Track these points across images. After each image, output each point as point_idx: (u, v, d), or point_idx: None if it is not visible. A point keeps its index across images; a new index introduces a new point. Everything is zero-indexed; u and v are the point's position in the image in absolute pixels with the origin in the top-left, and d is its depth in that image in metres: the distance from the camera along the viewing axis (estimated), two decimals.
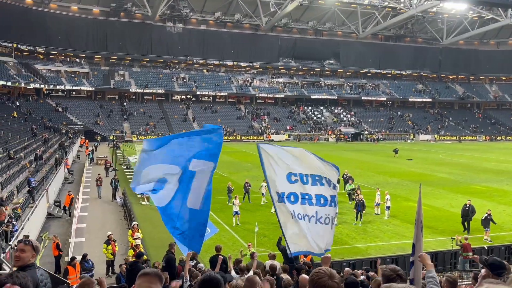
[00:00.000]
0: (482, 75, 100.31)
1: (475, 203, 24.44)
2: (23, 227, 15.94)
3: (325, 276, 2.55)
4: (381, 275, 3.87)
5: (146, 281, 2.61)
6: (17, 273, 2.66)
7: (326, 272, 2.58)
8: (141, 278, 2.64)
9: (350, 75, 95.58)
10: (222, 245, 11.95)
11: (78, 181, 31.01)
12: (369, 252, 16.42)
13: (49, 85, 67.96)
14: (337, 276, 2.61)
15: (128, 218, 20.12)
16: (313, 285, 2.57)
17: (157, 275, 2.62)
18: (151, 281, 2.60)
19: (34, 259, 4.10)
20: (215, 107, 79.87)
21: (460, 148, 62.88)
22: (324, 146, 63.08)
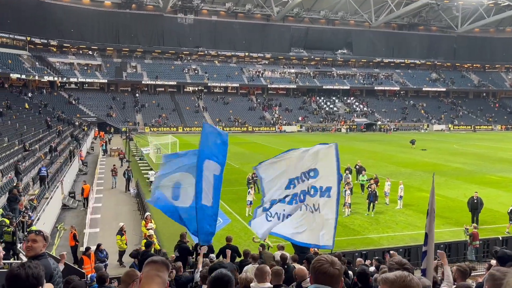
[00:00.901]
0: (498, 63, 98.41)
1: (490, 193, 24.22)
2: (39, 218, 16.22)
3: (326, 263, 2.54)
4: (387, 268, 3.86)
5: (153, 268, 2.63)
6: (29, 263, 2.69)
7: (327, 259, 2.57)
8: (148, 265, 2.66)
9: (363, 64, 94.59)
10: (234, 236, 12.03)
11: (92, 172, 31.40)
12: (382, 243, 16.36)
13: (62, 77, 68.63)
14: (338, 263, 2.60)
15: (142, 209, 20.33)
16: (315, 272, 2.56)
17: (164, 263, 2.63)
18: (158, 269, 2.61)
19: (45, 248, 4.19)
20: (227, 98, 79.87)
21: (474, 138, 61.99)
22: (337, 137, 62.75)
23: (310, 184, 8.38)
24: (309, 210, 8.44)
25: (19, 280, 2.54)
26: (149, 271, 2.64)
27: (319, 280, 2.53)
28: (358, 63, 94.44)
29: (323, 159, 8.52)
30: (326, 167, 8.47)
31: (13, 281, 2.54)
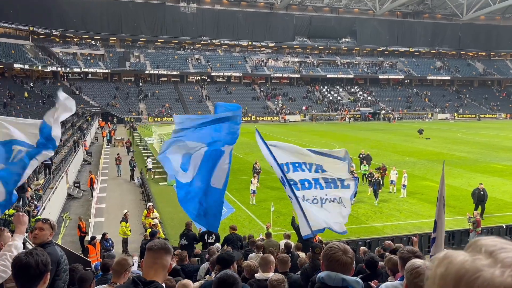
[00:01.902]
0: (504, 51, 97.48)
1: (494, 182, 24.18)
2: (44, 208, 16.36)
3: (339, 251, 2.58)
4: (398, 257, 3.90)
5: (150, 256, 2.65)
6: (36, 250, 2.72)
7: (340, 247, 2.61)
8: (147, 253, 2.69)
9: (367, 53, 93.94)
10: (238, 225, 12.10)
11: (96, 162, 31.54)
12: (385, 231, 16.41)
13: (65, 67, 68.62)
14: (350, 252, 2.63)
15: (146, 198, 20.45)
16: (327, 259, 2.60)
17: (162, 249, 2.62)
18: (155, 256, 2.62)
19: (52, 236, 4.23)
20: (230, 87, 79.68)
21: (479, 127, 61.69)
22: (340, 126, 62.64)
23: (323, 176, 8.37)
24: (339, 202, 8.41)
25: (29, 268, 2.57)
26: (147, 259, 2.67)
27: (331, 268, 2.56)
28: (362, 51, 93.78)
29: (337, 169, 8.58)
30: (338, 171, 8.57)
31: (23, 269, 2.57)
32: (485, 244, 0.79)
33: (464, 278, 0.74)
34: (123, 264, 4.12)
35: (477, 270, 0.74)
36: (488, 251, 0.77)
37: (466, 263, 0.76)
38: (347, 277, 2.52)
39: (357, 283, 2.56)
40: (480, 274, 0.73)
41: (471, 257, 0.77)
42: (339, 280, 2.51)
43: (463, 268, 0.76)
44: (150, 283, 2.61)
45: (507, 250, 0.77)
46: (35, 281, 2.60)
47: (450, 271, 0.77)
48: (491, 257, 0.76)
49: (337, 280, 2.51)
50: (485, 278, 0.72)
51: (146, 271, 2.69)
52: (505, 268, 0.73)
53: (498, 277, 0.72)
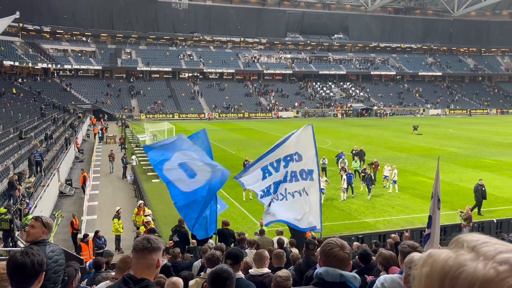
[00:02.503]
0: (494, 47, 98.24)
1: (485, 177, 24.34)
2: (36, 206, 16.25)
3: (337, 247, 2.60)
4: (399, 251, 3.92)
5: (134, 256, 2.66)
6: (31, 250, 2.71)
7: (337, 243, 2.63)
8: (133, 252, 2.70)
9: (359, 49, 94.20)
10: (231, 221, 12.11)
11: (88, 160, 31.36)
12: (378, 227, 16.51)
13: (56, 64, 67.99)
14: (348, 247, 2.65)
15: (139, 196, 20.38)
16: (325, 255, 2.61)
17: (144, 249, 2.60)
18: (138, 257, 2.62)
19: (45, 235, 4.17)
20: (223, 84, 79.51)
21: (470, 122, 62.21)
22: (333, 122, 62.83)
23: (299, 167, 8.46)
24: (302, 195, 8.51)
25: (25, 268, 2.57)
26: (133, 258, 2.69)
27: (329, 264, 2.58)
28: (354, 48, 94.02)
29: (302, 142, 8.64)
30: (307, 150, 8.58)
31: (19, 269, 2.56)
32: (467, 240, 0.80)
33: (448, 275, 0.75)
34: (128, 262, 4.12)
35: (460, 265, 0.75)
36: (470, 246, 0.78)
37: (449, 260, 0.77)
38: (345, 273, 2.53)
39: (354, 278, 2.57)
40: (463, 269, 0.74)
41: (454, 253, 0.78)
42: (337, 276, 2.52)
43: (446, 265, 0.76)
44: (140, 281, 2.60)
45: (489, 244, 0.77)
46: (30, 281, 2.60)
47: (434, 270, 0.77)
48: (473, 251, 0.76)
49: (335, 276, 2.52)
50: (468, 272, 0.73)
51: (135, 270, 2.69)
52: (487, 261, 0.73)
53: (481, 270, 0.72)
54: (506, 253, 0.75)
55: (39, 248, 3.38)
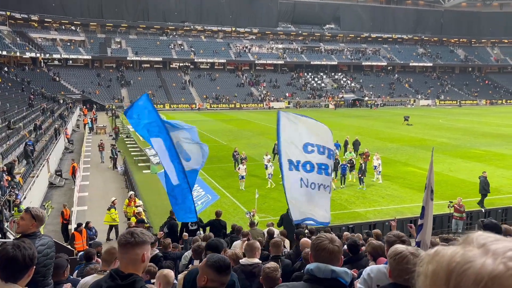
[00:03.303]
0: (484, 38, 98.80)
1: (474, 167, 24.69)
2: (25, 197, 16.10)
3: (326, 240, 2.60)
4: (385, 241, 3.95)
5: (119, 251, 2.64)
6: (23, 243, 2.68)
7: (327, 237, 2.64)
8: (117, 247, 2.67)
9: (351, 39, 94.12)
10: (224, 212, 12.12)
11: (78, 150, 31.11)
12: (368, 216, 16.65)
13: (45, 54, 67.03)
14: (337, 240, 2.65)
15: (130, 186, 20.29)
16: (315, 249, 2.61)
17: (128, 243, 2.57)
18: (122, 251, 2.61)
19: (35, 228, 4.12)
20: (214, 74, 79.07)
21: (460, 113, 62.71)
22: (325, 113, 62.93)
23: (318, 160, 8.21)
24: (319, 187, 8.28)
25: (15, 261, 2.56)
26: (118, 253, 2.66)
27: (319, 257, 2.57)
28: (346, 38, 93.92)
29: (321, 135, 8.39)
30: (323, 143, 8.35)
31: (9, 262, 2.55)
32: (477, 237, 0.76)
33: (455, 271, 0.72)
34: (113, 253, 4.10)
35: (467, 261, 0.72)
36: (479, 243, 0.74)
37: (456, 256, 0.74)
38: (336, 268, 2.52)
39: (346, 274, 2.56)
40: (470, 265, 0.71)
41: (462, 249, 0.75)
42: (328, 271, 2.50)
43: (453, 261, 0.73)
44: (128, 276, 2.58)
45: (499, 242, 0.73)
46: (20, 274, 2.58)
47: (441, 266, 0.74)
48: (482, 248, 0.73)
49: (326, 271, 2.51)
50: (475, 268, 0.70)
51: (122, 265, 2.67)
52: (496, 256, 0.70)
53: (490, 265, 0.69)
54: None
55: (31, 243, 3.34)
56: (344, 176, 20.93)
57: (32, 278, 2.76)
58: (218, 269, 2.83)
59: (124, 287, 2.56)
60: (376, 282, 3.41)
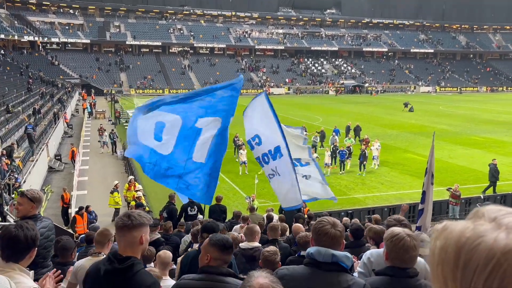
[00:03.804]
0: (486, 24, 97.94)
1: (474, 154, 24.72)
2: (25, 181, 16.11)
3: (328, 224, 2.57)
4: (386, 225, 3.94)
5: (117, 234, 2.65)
6: (26, 224, 2.68)
7: (329, 221, 2.60)
8: (115, 230, 2.68)
9: (352, 25, 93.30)
10: (223, 196, 12.13)
11: (77, 135, 31.05)
12: (367, 202, 16.70)
13: (43, 37, 66.44)
14: (340, 225, 2.62)
15: (129, 171, 20.30)
16: (316, 233, 2.59)
17: (124, 226, 2.58)
18: (119, 234, 2.62)
19: (35, 210, 4.10)
20: (213, 59, 78.53)
21: (460, 100, 62.52)
22: (325, 99, 62.73)
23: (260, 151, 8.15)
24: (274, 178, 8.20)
25: (18, 241, 2.55)
26: (116, 236, 2.67)
27: (321, 242, 2.54)
28: (347, 23, 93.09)
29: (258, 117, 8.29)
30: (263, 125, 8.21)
31: (11, 242, 2.55)
32: (488, 210, 0.72)
33: (465, 246, 0.67)
34: (106, 235, 4.10)
35: (478, 236, 0.67)
36: (491, 217, 0.70)
37: (466, 231, 0.69)
38: (337, 253, 2.50)
39: (347, 258, 2.53)
40: (482, 240, 0.66)
41: (472, 223, 0.70)
42: (329, 255, 2.48)
43: (463, 236, 0.68)
44: (126, 259, 2.56)
45: (511, 214, 0.69)
46: (21, 254, 2.59)
47: (450, 242, 0.70)
48: (494, 222, 0.68)
49: (327, 255, 2.49)
50: (487, 243, 0.65)
51: (120, 247, 2.66)
52: (510, 230, 0.65)
53: (503, 239, 0.64)
54: None
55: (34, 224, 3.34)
56: (343, 163, 20.94)
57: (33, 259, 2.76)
58: (221, 247, 2.83)
59: (122, 271, 2.55)
60: (376, 266, 3.40)
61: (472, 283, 0.65)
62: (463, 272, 0.66)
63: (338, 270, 2.51)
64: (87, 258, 3.97)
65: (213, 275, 2.74)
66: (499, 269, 0.63)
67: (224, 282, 2.71)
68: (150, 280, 2.63)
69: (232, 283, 2.72)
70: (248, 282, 1.64)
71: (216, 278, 2.72)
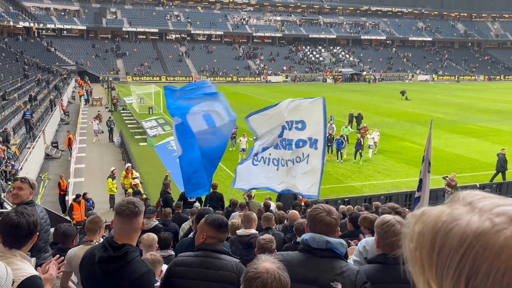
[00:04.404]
0: (485, 12, 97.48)
1: (470, 142, 24.81)
2: (21, 168, 16.10)
3: (324, 211, 2.58)
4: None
5: (119, 221, 2.66)
6: (26, 210, 2.68)
7: (324, 208, 2.61)
8: (116, 217, 2.70)
9: (350, 12, 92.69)
10: (220, 184, 12.17)
11: (74, 122, 30.95)
12: (364, 191, 16.78)
13: (38, 23, 65.77)
14: (335, 213, 2.63)
15: (126, 159, 20.30)
16: (311, 220, 2.60)
17: (131, 213, 2.61)
18: (123, 222, 2.64)
19: (31, 196, 4.14)
20: (211, 46, 78.02)
21: (458, 88, 62.50)
22: (322, 87, 62.59)
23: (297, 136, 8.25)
24: (294, 162, 8.31)
25: (20, 228, 2.56)
26: (116, 223, 2.67)
27: (316, 228, 2.56)
28: (345, 11, 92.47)
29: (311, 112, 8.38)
30: (313, 120, 8.32)
31: (14, 229, 2.55)
32: (465, 195, 0.73)
33: (440, 230, 0.68)
34: (97, 222, 4.13)
35: (453, 219, 0.68)
36: (467, 201, 0.71)
37: (443, 215, 0.70)
38: (331, 239, 2.52)
39: (341, 245, 2.56)
40: (456, 223, 0.67)
41: (449, 208, 0.71)
42: (323, 242, 2.51)
43: (439, 220, 0.69)
44: (121, 247, 2.58)
45: (487, 199, 0.70)
46: (24, 241, 2.61)
47: (427, 227, 0.70)
48: (469, 205, 0.69)
49: (321, 242, 2.51)
50: (460, 226, 0.66)
51: (117, 234, 2.66)
52: (483, 213, 0.66)
53: (476, 222, 0.65)
54: (505, 206, 0.67)
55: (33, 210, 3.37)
56: (340, 151, 20.93)
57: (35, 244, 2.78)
58: (216, 226, 2.92)
59: (116, 258, 2.57)
60: (372, 255, 3.43)
61: (446, 266, 0.66)
62: (439, 256, 0.67)
63: (332, 257, 2.53)
64: (79, 247, 4.00)
65: (208, 252, 2.85)
66: (471, 251, 0.63)
67: (219, 258, 2.82)
68: (144, 268, 2.66)
69: (226, 260, 2.83)
70: (255, 264, 1.66)
71: (211, 255, 2.83)
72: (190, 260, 2.83)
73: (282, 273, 1.63)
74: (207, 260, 2.80)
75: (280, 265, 1.67)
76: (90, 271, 2.70)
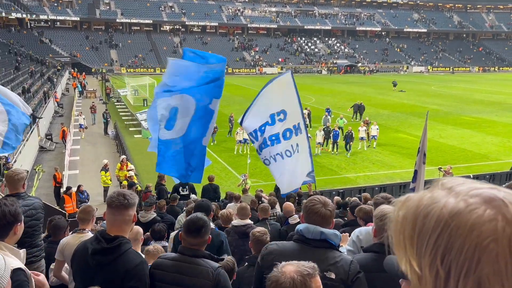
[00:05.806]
0: (480, 3, 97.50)
1: (464, 134, 24.93)
2: (15, 160, 16.01)
3: (319, 203, 2.60)
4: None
5: (110, 213, 2.66)
6: (5, 200, 2.65)
7: (320, 200, 2.63)
8: (107, 209, 2.69)
9: (345, 3, 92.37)
10: (216, 177, 12.19)
11: (68, 114, 30.77)
12: (358, 182, 16.86)
13: (31, 14, 65.08)
14: (330, 204, 2.65)
15: (121, 151, 20.24)
16: (306, 211, 2.62)
17: (121, 205, 2.61)
18: (114, 213, 2.64)
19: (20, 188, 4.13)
20: (205, 38, 77.58)
21: (452, 80, 62.66)
22: (317, 79, 62.53)
23: (282, 127, 8.13)
24: (287, 155, 8.21)
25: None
26: (108, 215, 2.67)
27: (310, 220, 2.58)
28: (340, 2, 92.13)
29: (286, 96, 8.25)
30: (290, 103, 8.19)
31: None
32: (445, 181, 0.77)
33: (421, 213, 0.72)
34: (89, 211, 4.15)
35: (433, 202, 0.72)
36: (447, 186, 0.75)
37: (424, 199, 0.74)
38: (325, 230, 2.54)
39: (335, 236, 2.58)
40: (434, 205, 0.72)
41: (429, 192, 0.75)
42: (318, 233, 2.53)
43: (421, 204, 0.74)
44: (114, 239, 2.58)
45: (466, 183, 0.74)
46: (4, 231, 2.55)
47: (410, 211, 0.75)
48: (448, 189, 0.74)
49: (315, 233, 2.53)
50: (438, 207, 0.71)
51: (109, 226, 2.66)
52: (458, 195, 0.71)
53: (452, 203, 0.70)
54: (480, 189, 0.72)
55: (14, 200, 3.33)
56: (336, 143, 20.88)
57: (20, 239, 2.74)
58: (186, 230, 2.87)
59: (110, 250, 2.58)
60: (365, 244, 3.46)
61: (425, 245, 0.71)
62: (419, 237, 0.72)
63: (326, 247, 2.56)
64: (72, 235, 4.01)
65: (185, 256, 2.78)
66: (447, 230, 0.68)
67: (195, 264, 2.75)
68: (138, 259, 2.66)
69: (203, 265, 2.74)
70: (279, 268, 1.69)
71: (188, 260, 2.76)
72: (167, 264, 2.78)
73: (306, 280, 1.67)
74: (183, 266, 2.74)
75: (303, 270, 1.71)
76: (83, 264, 2.70)
